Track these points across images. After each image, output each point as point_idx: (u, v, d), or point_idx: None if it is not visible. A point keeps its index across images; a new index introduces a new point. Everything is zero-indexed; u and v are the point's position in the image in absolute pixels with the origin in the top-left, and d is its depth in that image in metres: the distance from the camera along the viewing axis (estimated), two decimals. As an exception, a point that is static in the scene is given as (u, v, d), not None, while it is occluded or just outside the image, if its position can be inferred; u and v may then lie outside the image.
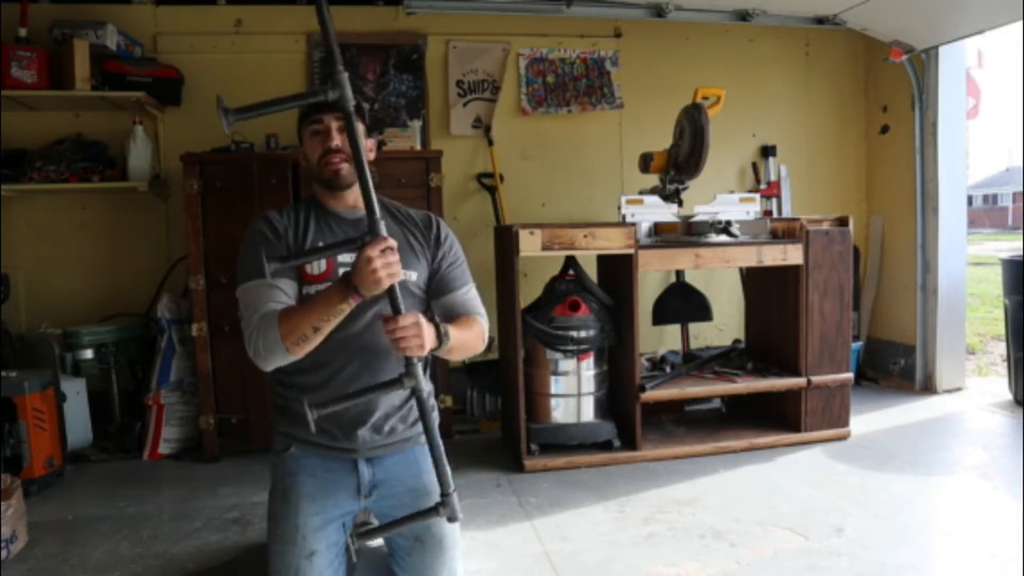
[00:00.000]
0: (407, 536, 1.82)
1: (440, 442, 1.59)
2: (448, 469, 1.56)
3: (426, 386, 1.93)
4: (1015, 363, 3.91)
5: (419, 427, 1.84)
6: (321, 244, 1.74)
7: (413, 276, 1.79)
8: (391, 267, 1.47)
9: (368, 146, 1.82)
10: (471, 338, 1.79)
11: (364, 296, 1.51)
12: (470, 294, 1.88)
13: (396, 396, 1.80)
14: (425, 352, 1.56)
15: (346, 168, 1.74)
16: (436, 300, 1.84)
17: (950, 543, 2.31)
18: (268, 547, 1.81)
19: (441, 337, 1.62)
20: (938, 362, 4.11)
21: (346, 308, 1.55)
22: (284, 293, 1.67)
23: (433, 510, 1.56)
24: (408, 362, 1.52)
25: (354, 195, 1.78)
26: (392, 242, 1.49)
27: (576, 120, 4.27)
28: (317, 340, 1.59)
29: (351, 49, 3.98)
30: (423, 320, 1.55)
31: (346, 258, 1.72)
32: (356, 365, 1.74)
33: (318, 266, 1.73)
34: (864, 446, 3.26)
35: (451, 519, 1.59)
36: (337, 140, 1.75)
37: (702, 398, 3.68)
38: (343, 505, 1.81)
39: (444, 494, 1.55)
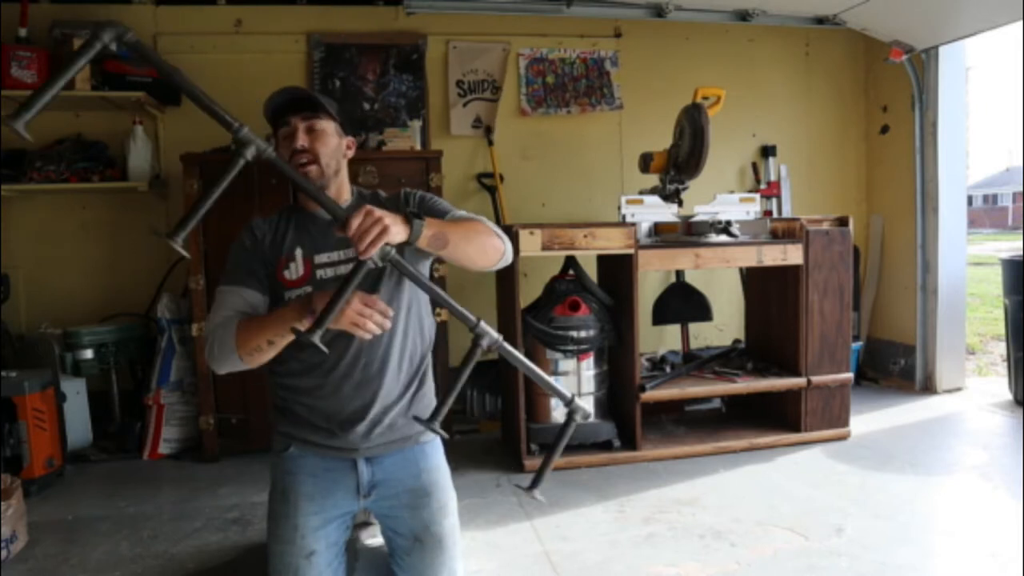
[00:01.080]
0: (407, 536, 1.82)
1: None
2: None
3: (428, 385, 1.93)
4: (1015, 363, 3.91)
5: (417, 427, 1.84)
6: (298, 248, 1.75)
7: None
8: (367, 323, 1.46)
9: (347, 143, 1.83)
10: (471, 230, 1.67)
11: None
12: (458, 213, 1.79)
13: (393, 389, 1.78)
14: (394, 237, 1.41)
15: (314, 170, 1.72)
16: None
17: (950, 543, 2.31)
18: (268, 547, 1.81)
19: (411, 220, 1.47)
20: (938, 362, 4.11)
21: (301, 328, 1.47)
22: (247, 302, 1.69)
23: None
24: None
25: (331, 194, 1.77)
26: (379, 303, 1.48)
27: (576, 120, 4.27)
28: (272, 353, 1.60)
29: (351, 49, 3.98)
30: (378, 209, 1.43)
31: (322, 258, 1.74)
32: (348, 366, 1.73)
33: (296, 270, 1.74)
34: (864, 446, 3.26)
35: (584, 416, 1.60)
36: (303, 140, 1.72)
37: (702, 398, 3.68)
38: (342, 505, 1.81)
39: (568, 401, 1.59)
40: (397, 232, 1.42)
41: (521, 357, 1.53)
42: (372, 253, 1.38)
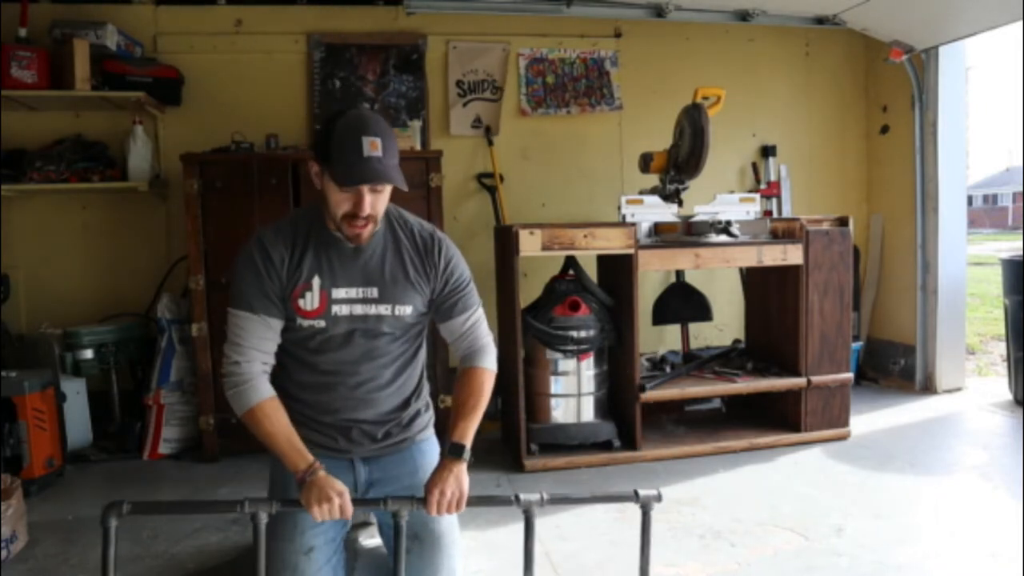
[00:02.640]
0: (405, 534, 1.82)
1: None
2: None
3: (424, 392, 1.95)
4: (1015, 363, 3.91)
5: (415, 428, 1.86)
6: (316, 276, 1.68)
7: (408, 310, 1.74)
8: (329, 512, 1.56)
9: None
10: (481, 401, 1.78)
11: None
12: (471, 320, 1.82)
13: (386, 403, 1.81)
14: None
15: (368, 230, 1.66)
16: (439, 323, 1.83)
17: (950, 543, 2.31)
18: (267, 545, 1.82)
19: (466, 459, 1.69)
20: (938, 362, 4.11)
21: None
22: (270, 329, 1.69)
23: None
24: None
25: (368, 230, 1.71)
26: (334, 493, 1.55)
27: (576, 120, 4.27)
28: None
29: (351, 49, 3.98)
30: (446, 479, 1.64)
31: (340, 293, 1.69)
32: (349, 389, 1.77)
33: (311, 301, 1.69)
34: (864, 446, 3.26)
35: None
36: (368, 207, 1.62)
37: (702, 398, 3.68)
38: None
39: None
40: (466, 488, 1.66)
41: None
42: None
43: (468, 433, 1.72)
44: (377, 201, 1.64)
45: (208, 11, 3.85)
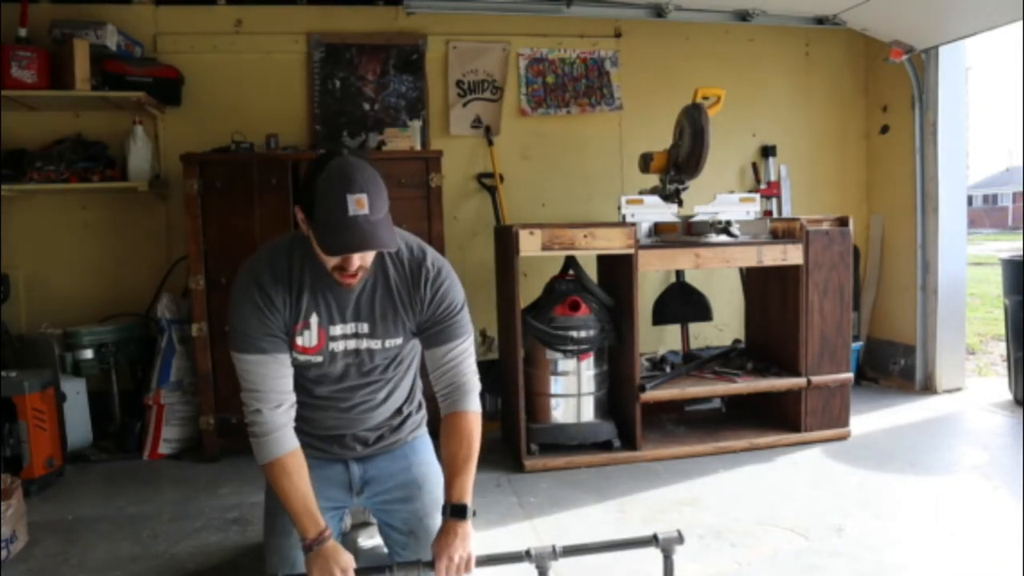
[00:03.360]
0: (401, 530, 1.84)
1: None
2: None
3: (418, 390, 1.96)
4: (1015, 363, 3.91)
5: (406, 430, 1.88)
6: (314, 314, 1.64)
7: (398, 341, 1.72)
8: None
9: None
10: (473, 451, 1.71)
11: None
12: (455, 351, 1.73)
13: (379, 417, 1.82)
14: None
15: (358, 278, 1.61)
16: (425, 348, 1.77)
17: (950, 543, 2.31)
18: (265, 541, 1.83)
19: (469, 518, 1.65)
20: (938, 362, 4.11)
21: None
22: (283, 366, 1.64)
23: None
24: None
25: None
26: (338, 569, 1.53)
27: (576, 120, 4.27)
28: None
29: (351, 49, 3.98)
30: (453, 543, 1.60)
31: (336, 330, 1.66)
32: (345, 408, 1.79)
33: (310, 339, 1.66)
34: (864, 446, 3.26)
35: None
36: (357, 263, 1.57)
37: (702, 398, 3.68)
38: (335, 499, 1.84)
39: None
40: (471, 545, 1.63)
41: None
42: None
43: (467, 489, 1.66)
44: (366, 256, 1.58)
45: (208, 11, 3.85)
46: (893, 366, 4.39)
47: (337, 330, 1.68)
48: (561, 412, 3.18)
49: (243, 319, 1.61)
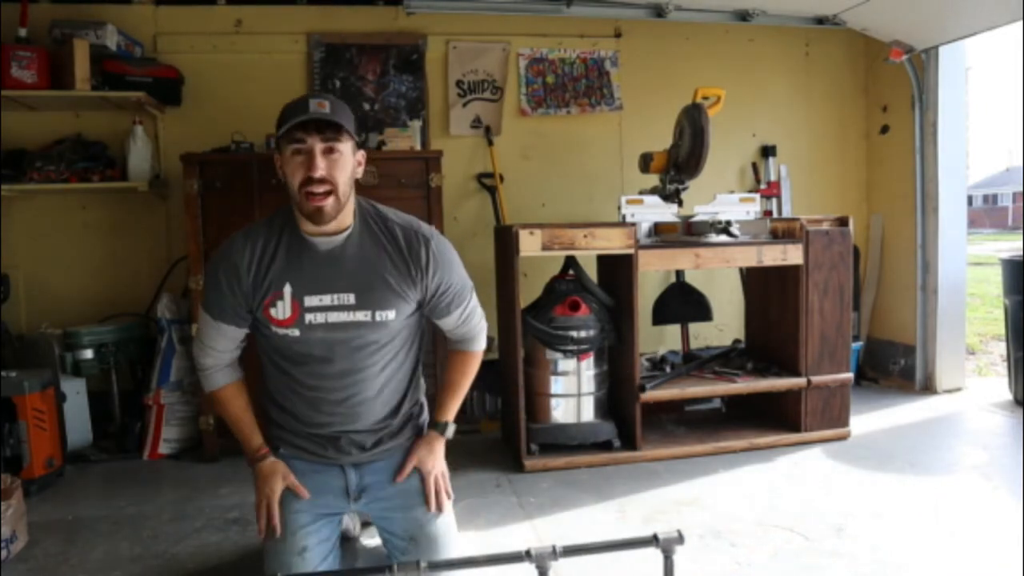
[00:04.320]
0: (401, 536, 1.83)
1: None
2: None
3: (419, 396, 1.95)
4: (1015, 363, 3.91)
5: (405, 435, 1.87)
6: (287, 284, 1.66)
7: (390, 315, 1.69)
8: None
9: (359, 159, 1.70)
10: (468, 380, 1.91)
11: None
12: (466, 313, 1.84)
13: (375, 413, 1.81)
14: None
15: (331, 202, 1.59)
16: (433, 319, 1.85)
17: (950, 543, 2.31)
18: (263, 545, 1.82)
19: (447, 435, 1.87)
20: (938, 362, 4.11)
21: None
22: (227, 338, 1.76)
23: None
24: None
25: (335, 222, 1.65)
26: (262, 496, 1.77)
27: (576, 120, 4.27)
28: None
29: (351, 49, 3.98)
30: (422, 452, 1.80)
31: (313, 301, 1.65)
32: (334, 403, 1.79)
33: (283, 310, 1.66)
34: (864, 446, 3.26)
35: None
36: (322, 168, 1.57)
37: (702, 398, 3.68)
38: (332, 505, 1.83)
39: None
40: (441, 458, 1.86)
41: None
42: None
43: (453, 411, 1.87)
44: (333, 166, 1.59)
45: (208, 11, 3.85)
46: (893, 366, 4.39)
47: (314, 300, 1.66)
48: (561, 412, 3.18)
49: (208, 282, 1.77)
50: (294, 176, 1.61)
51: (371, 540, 2.26)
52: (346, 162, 1.63)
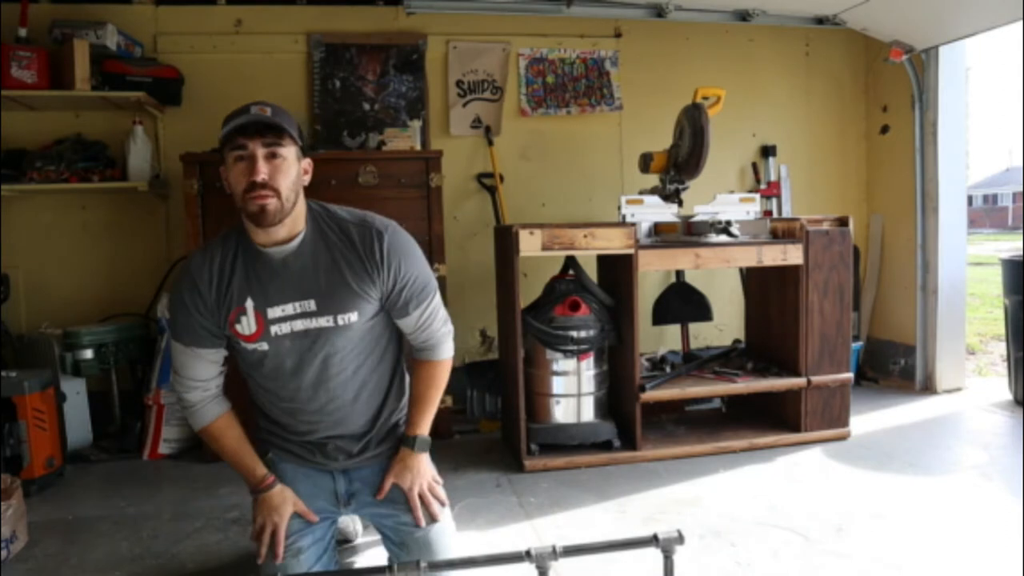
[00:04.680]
0: (394, 540, 1.83)
1: None
2: None
3: (403, 399, 1.95)
4: (1015, 363, 3.91)
5: (390, 441, 1.86)
6: (248, 298, 1.64)
7: (353, 317, 1.67)
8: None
9: (304, 167, 1.67)
10: (439, 392, 1.85)
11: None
12: (426, 313, 1.76)
13: (357, 418, 1.80)
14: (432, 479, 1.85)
15: (274, 203, 1.57)
16: (394, 319, 1.79)
17: (950, 543, 2.31)
18: (260, 566, 1.82)
19: (419, 450, 1.82)
20: (938, 362, 4.11)
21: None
22: (207, 361, 1.73)
23: None
24: None
25: (285, 228, 1.63)
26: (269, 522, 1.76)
27: (576, 120, 4.27)
28: None
29: (351, 49, 3.98)
30: (400, 471, 1.79)
31: (276, 312, 1.64)
32: (315, 412, 1.78)
33: (248, 325, 1.64)
34: (864, 446, 3.26)
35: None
36: (264, 172, 1.56)
37: (702, 398, 3.68)
38: (324, 509, 1.83)
39: None
40: (428, 469, 1.85)
41: None
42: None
43: (425, 425, 1.82)
44: (275, 171, 1.57)
45: (208, 11, 3.85)
46: (893, 366, 4.39)
47: (277, 311, 1.64)
48: (561, 412, 3.18)
49: (173, 308, 1.73)
50: (238, 183, 1.60)
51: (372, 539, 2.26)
52: (289, 167, 1.61)
